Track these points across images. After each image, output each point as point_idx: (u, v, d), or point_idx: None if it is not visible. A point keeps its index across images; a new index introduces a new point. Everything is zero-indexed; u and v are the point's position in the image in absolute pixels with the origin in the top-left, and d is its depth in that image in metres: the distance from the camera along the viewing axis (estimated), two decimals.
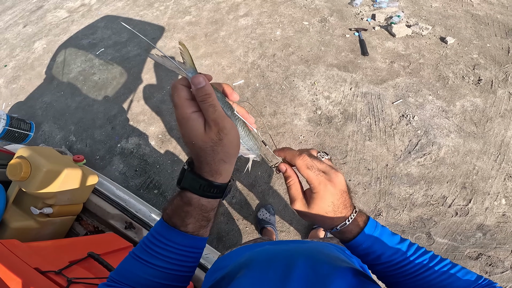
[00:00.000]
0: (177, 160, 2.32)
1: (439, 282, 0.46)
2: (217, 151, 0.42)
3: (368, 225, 0.49)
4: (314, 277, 0.48)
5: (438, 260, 0.48)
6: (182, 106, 0.40)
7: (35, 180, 1.15)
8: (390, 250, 0.49)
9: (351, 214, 0.49)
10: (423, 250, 0.50)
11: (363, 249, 0.49)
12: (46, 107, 2.90)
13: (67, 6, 4.15)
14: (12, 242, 0.94)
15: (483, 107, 2.19)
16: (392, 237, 0.50)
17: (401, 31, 2.66)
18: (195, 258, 0.51)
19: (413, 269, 0.47)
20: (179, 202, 0.46)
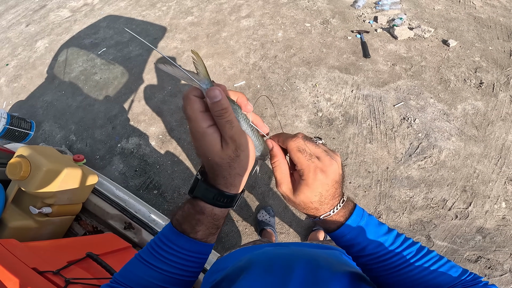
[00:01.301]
0: (177, 161, 2.32)
1: (422, 277, 0.44)
2: (234, 167, 0.42)
3: (354, 215, 0.47)
4: (312, 282, 0.48)
5: (424, 253, 0.46)
6: (197, 119, 0.38)
7: (34, 179, 1.15)
8: (375, 242, 0.46)
9: (337, 204, 0.46)
10: (410, 241, 0.48)
11: (346, 240, 0.47)
12: (47, 106, 2.91)
13: (70, 5, 4.16)
14: (10, 242, 0.94)
15: (484, 111, 2.19)
16: (379, 228, 0.47)
17: (403, 33, 2.65)
18: (201, 264, 0.51)
19: (397, 263, 0.45)
20: (190, 210, 0.46)
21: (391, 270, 0.45)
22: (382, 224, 0.49)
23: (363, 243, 0.46)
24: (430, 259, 0.46)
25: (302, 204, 0.45)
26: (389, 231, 0.48)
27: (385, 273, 0.46)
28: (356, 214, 0.47)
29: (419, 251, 0.46)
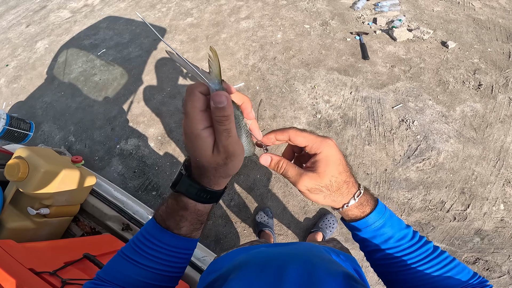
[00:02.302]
0: (176, 162, 2.32)
1: (434, 277, 0.45)
2: (220, 171, 0.42)
3: (379, 205, 0.48)
4: (306, 281, 0.48)
5: (438, 253, 0.47)
6: (194, 119, 0.37)
7: (32, 180, 1.15)
8: (398, 235, 0.47)
9: (359, 187, 0.47)
10: (425, 239, 0.49)
11: (372, 230, 0.47)
12: (46, 107, 2.91)
13: (70, 6, 4.17)
14: (8, 243, 0.94)
15: (483, 113, 2.19)
16: (400, 221, 0.49)
17: (402, 35, 2.66)
18: (186, 259, 0.51)
19: (415, 259, 0.46)
20: (174, 206, 0.46)
21: (407, 267, 0.46)
22: (399, 218, 0.50)
23: (386, 234, 0.47)
24: (444, 259, 0.47)
25: (331, 184, 0.44)
26: (407, 226, 0.49)
27: (400, 269, 0.47)
28: (381, 204, 0.48)
29: (435, 250, 0.48)
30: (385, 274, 0.50)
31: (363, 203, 0.48)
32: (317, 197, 0.46)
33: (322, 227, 1.85)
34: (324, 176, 0.44)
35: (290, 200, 2.04)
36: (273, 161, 0.47)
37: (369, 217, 0.47)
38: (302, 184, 0.45)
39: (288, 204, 2.03)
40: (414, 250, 0.47)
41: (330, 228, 1.85)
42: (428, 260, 0.46)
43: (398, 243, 0.47)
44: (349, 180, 0.46)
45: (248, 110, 0.43)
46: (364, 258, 1.86)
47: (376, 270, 0.53)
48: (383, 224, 0.47)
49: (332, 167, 0.44)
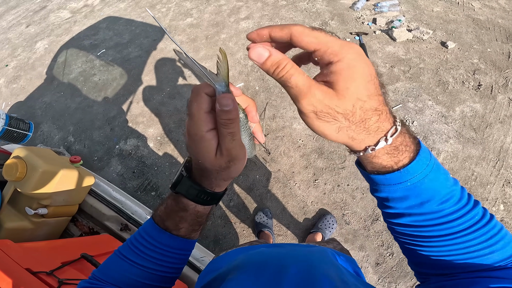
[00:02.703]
0: (175, 163, 2.32)
1: (472, 251, 0.35)
2: (222, 174, 0.41)
3: (423, 150, 0.34)
4: (305, 283, 0.47)
5: (486, 221, 0.36)
6: (198, 121, 0.36)
7: (30, 180, 1.15)
8: (442, 195, 0.35)
9: (394, 121, 0.32)
10: (473, 200, 0.37)
11: (406, 188, 0.34)
12: (45, 107, 2.91)
13: (70, 6, 4.17)
14: (5, 242, 0.94)
15: (482, 113, 2.19)
16: (446, 173, 0.36)
17: (402, 35, 2.66)
18: (183, 260, 0.51)
19: (456, 229, 0.35)
20: (174, 206, 0.45)
21: (443, 238, 0.36)
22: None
23: (425, 195, 0.34)
24: (491, 228, 0.36)
25: (354, 110, 0.30)
26: (455, 181, 0.37)
27: (431, 241, 0.37)
28: (424, 150, 0.34)
29: (483, 216, 0.36)
30: (409, 244, 0.40)
31: (399, 147, 0.33)
32: (327, 128, 0.31)
33: (322, 227, 1.85)
34: (345, 96, 0.29)
35: (290, 200, 2.04)
36: (271, 57, 0.30)
37: (405, 170, 0.33)
38: (308, 101, 0.30)
39: (288, 204, 2.03)
40: (459, 217, 0.35)
41: (330, 228, 1.84)
42: (473, 230, 0.35)
43: (440, 206, 0.35)
44: (382, 109, 0.31)
45: (253, 113, 0.42)
46: (364, 258, 1.84)
47: (397, 237, 0.42)
48: (423, 179, 0.33)
49: (359, 84, 0.29)
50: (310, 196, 2.03)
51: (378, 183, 0.37)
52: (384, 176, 0.35)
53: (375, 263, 1.79)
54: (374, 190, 0.39)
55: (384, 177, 0.35)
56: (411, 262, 0.43)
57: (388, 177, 0.35)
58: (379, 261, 1.80)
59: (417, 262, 0.41)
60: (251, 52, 0.31)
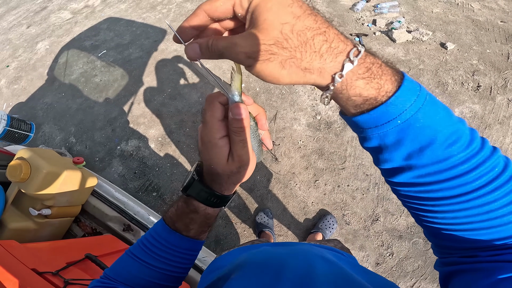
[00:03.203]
0: (177, 163, 2.33)
1: (492, 218, 0.29)
2: (232, 179, 0.43)
3: (407, 78, 0.29)
4: (304, 281, 0.48)
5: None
6: (212, 128, 0.38)
7: (34, 181, 1.16)
8: (446, 134, 0.28)
9: (354, 45, 0.29)
10: (488, 144, 0.30)
11: (399, 127, 0.28)
12: (47, 108, 2.92)
13: (71, 7, 4.18)
14: (10, 243, 0.95)
15: (481, 114, 2.20)
16: (446, 110, 0.30)
17: (402, 36, 2.67)
18: (191, 260, 0.53)
19: (471, 185, 0.29)
20: (184, 208, 0.47)
21: (460, 199, 0.29)
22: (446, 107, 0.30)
23: (425, 134, 0.28)
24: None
25: (285, 35, 0.27)
26: (459, 119, 0.31)
27: (447, 203, 0.30)
28: (409, 78, 0.29)
29: (506, 166, 0.29)
30: (418, 210, 0.34)
31: (371, 68, 0.29)
32: (272, 68, 0.28)
33: (322, 227, 1.86)
34: (267, 28, 0.27)
35: (290, 201, 2.05)
36: (202, 45, 0.32)
37: (391, 103, 0.28)
38: (237, 49, 0.29)
39: (288, 205, 2.04)
40: (474, 168, 0.28)
41: (330, 228, 1.86)
42: (495, 187, 0.28)
43: (446, 152, 0.28)
44: (325, 27, 0.28)
45: (263, 121, 0.44)
46: (364, 258, 1.85)
47: (404, 202, 0.36)
48: (416, 114, 0.28)
49: (276, 10, 0.27)
50: (311, 196, 2.04)
51: (364, 127, 0.31)
52: (368, 114, 0.29)
53: (375, 263, 1.80)
54: (364, 139, 0.33)
55: (369, 115, 0.29)
56: (427, 233, 0.37)
57: (373, 114, 0.29)
58: (379, 261, 1.81)
59: (432, 233, 0.36)
60: (188, 51, 0.33)
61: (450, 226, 0.32)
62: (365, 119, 0.30)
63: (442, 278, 0.36)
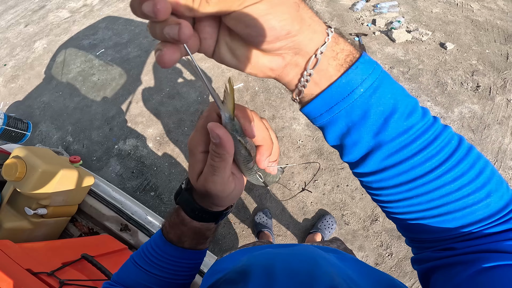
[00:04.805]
0: (175, 163, 2.31)
1: (448, 202, 0.30)
2: (207, 200, 0.40)
3: (364, 53, 0.30)
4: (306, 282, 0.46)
5: (466, 151, 0.30)
6: (198, 138, 0.35)
7: (30, 180, 1.15)
8: (406, 105, 0.30)
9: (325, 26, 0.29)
10: (439, 120, 0.32)
11: (362, 100, 0.29)
12: (44, 107, 2.90)
13: (69, 6, 4.16)
14: (5, 243, 0.93)
15: (481, 114, 2.20)
16: (398, 85, 0.31)
17: (401, 36, 2.67)
18: (193, 268, 0.50)
19: (439, 157, 0.29)
20: (175, 219, 0.45)
21: (429, 176, 0.30)
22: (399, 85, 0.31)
23: (388, 102, 0.29)
24: (477, 158, 0.30)
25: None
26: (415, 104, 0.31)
27: (418, 184, 0.30)
28: (365, 54, 0.30)
29: (460, 143, 0.30)
30: (387, 201, 0.34)
31: (337, 50, 0.29)
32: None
33: (321, 228, 1.85)
34: None
35: (289, 201, 2.04)
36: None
37: (351, 71, 0.28)
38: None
39: (287, 205, 2.03)
40: (434, 139, 0.30)
41: (329, 229, 1.85)
42: (457, 161, 0.29)
43: (407, 122, 0.29)
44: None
45: (264, 157, 0.35)
46: (363, 259, 1.84)
47: (374, 194, 0.35)
48: (376, 80, 0.29)
49: None
50: (310, 196, 2.03)
51: (331, 104, 0.30)
52: (330, 88, 0.29)
53: (374, 264, 1.79)
54: (331, 125, 0.32)
55: (330, 89, 0.29)
56: (399, 227, 0.38)
57: (335, 86, 0.29)
58: (378, 261, 1.80)
59: (402, 226, 0.36)
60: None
61: (420, 214, 0.32)
62: (332, 93, 0.29)
63: (421, 276, 0.36)
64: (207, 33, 0.28)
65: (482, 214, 0.30)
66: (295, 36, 0.26)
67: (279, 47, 0.27)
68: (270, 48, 0.27)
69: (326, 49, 0.28)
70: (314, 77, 0.29)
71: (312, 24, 0.28)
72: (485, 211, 0.30)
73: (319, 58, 0.28)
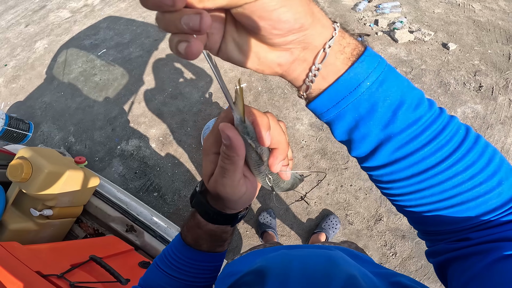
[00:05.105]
0: (178, 163, 2.31)
1: (459, 193, 0.30)
2: (220, 202, 0.40)
3: (368, 48, 0.30)
4: None
5: (474, 140, 0.30)
6: (214, 139, 0.34)
7: (36, 181, 1.14)
8: (413, 96, 0.30)
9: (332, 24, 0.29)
10: (445, 111, 0.31)
11: (369, 93, 0.29)
12: (45, 107, 2.89)
13: (70, 6, 4.14)
14: (12, 244, 0.93)
15: (483, 114, 2.20)
16: (404, 78, 0.31)
17: (404, 36, 2.67)
18: (213, 271, 0.50)
19: (449, 147, 0.29)
20: (191, 222, 0.45)
21: (441, 166, 0.29)
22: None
23: (395, 95, 0.29)
24: (485, 146, 0.30)
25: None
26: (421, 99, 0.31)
27: (430, 176, 0.30)
28: (369, 48, 0.30)
29: (467, 132, 0.31)
30: (402, 195, 0.33)
31: (345, 36, 0.30)
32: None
33: (325, 227, 1.85)
34: None
35: (293, 201, 2.04)
36: None
37: (354, 68, 0.29)
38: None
39: (291, 205, 2.03)
40: (442, 129, 0.30)
41: (333, 228, 1.84)
42: (467, 150, 0.29)
43: (416, 113, 0.29)
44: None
45: (277, 160, 0.34)
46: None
47: (385, 188, 0.35)
48: (382, 73, 0.29)
49: None
50: (313, 196, 2.03)
51: (338, 99, 0.30)
52: (336, 82, 0.29)
53: (379, 263, 1.79)
54: (338, 120, 0.31)
55: (337, 83, 0.29)
56: (411, 221, 0.37)
57: (342, 80, 0.29)
58: (382, 261, 1.80)
59: (416, 219, 0.35)
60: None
61: (433, 206, 0.31)
62: (338, 87, 0.29)
63: (438, 269, 0.35)
64: (214, 28, 0.27)
65: (496, 203, 0.29)
66: (307, 29, 0.26)
67: (290, 41, 0.26)
68: (281, 42, 0.26)
69: (334, 43, 0.28)
70: (322, 71, 0.29)
71: (321, 18, 0.28)
72: (498, 200, 0.29)
73: (327, 52, 0.28)
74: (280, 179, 0.39)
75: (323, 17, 0.28)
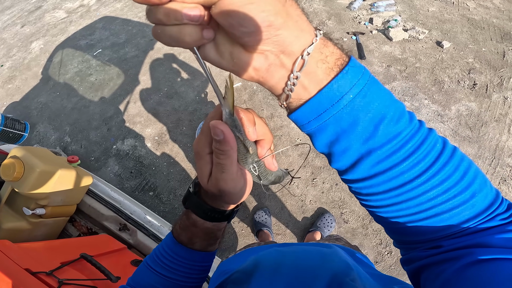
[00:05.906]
0: (173, 162, 2.31)
1: (433, 206, 0.30)
2: (219, 200, 0.41)
3: (353, 58, 0.29)
4: None
5: (450, 153, 0.30)
6: (205, 139, 0.35)
7: (28, 180, 1.14)
8: (395, 110, 0.29)
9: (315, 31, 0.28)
10: (424, 124, 0.32)
11: (353, 104, 0.28)
12: (41, 108, 2.89)
13: (66, 6, 4.14)
14: (3, 243, 0.93)
15: (478, 112, 2.21)
16: (386, 89, 0.30)
17: (398, 35, 2.68)
18: (205, 270, 0.51)
19: (426, 161, 0.29)
20: (185, 221, 0.46)
21: (420, 180, 0.30)
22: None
23: (377, 109, 0.28)
24: (461, 159, 0.31)
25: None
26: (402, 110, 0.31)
27: (408, 189, 0.30)
28: (354, 59, 0.29)
29: (444, 145, 0.31)
30: (379, 207, 0.34)
31: (326, 53, 0.28)
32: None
33: (320, 226, 1.85)
34: None
35: (288, 199, 2.04)
36: None
37: (337, 80, 0.28)
38: None
39: (286, 203, 2.03)
40: (421, 143, 0.30)
41: (328, 227, 1.85)
42: (443, 163, 0.30)
43: (396, 127, 0.29)
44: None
45: (265, 149, 0.37)
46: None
47: (364, 200, 0.35)
48: (364, 86, 0.28)
49: None
50: (309, 195, 2.04)
51: (320, 111, 0.29)
52: (320, 94, 0.28)
53: (374, 262, 1.80)
54: (320, 133, 0.31)
55: (320, 95, 0.28)
56: (388, 231, 0.38)
57: (326, 92, 0.28)
58: (378, 259, 1.81)
59: (393, 229, 0.36)
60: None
61: (409, 218, 0.32)
62: (321, 99, 0.29)
63: (412, 277, 0.36)
64: None
65: (468, 214, 0.30)
66: (278, 29, 0.25)
67: (260, 40, 0.26)
68: (251, 41, 0.26)
69: (314, 50, 0.27)
70: (302, 80, 0.28)
71: (299, 22, 0.27)
72: (471, 211, 0.30)
73: (305, 59, 0.27)
74: (268, 171, 0.41)
75: (302, 21, 0.27)
